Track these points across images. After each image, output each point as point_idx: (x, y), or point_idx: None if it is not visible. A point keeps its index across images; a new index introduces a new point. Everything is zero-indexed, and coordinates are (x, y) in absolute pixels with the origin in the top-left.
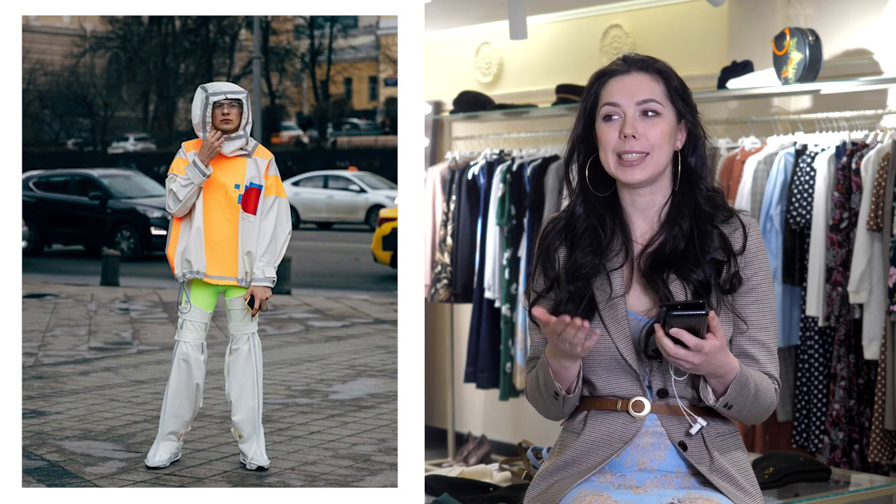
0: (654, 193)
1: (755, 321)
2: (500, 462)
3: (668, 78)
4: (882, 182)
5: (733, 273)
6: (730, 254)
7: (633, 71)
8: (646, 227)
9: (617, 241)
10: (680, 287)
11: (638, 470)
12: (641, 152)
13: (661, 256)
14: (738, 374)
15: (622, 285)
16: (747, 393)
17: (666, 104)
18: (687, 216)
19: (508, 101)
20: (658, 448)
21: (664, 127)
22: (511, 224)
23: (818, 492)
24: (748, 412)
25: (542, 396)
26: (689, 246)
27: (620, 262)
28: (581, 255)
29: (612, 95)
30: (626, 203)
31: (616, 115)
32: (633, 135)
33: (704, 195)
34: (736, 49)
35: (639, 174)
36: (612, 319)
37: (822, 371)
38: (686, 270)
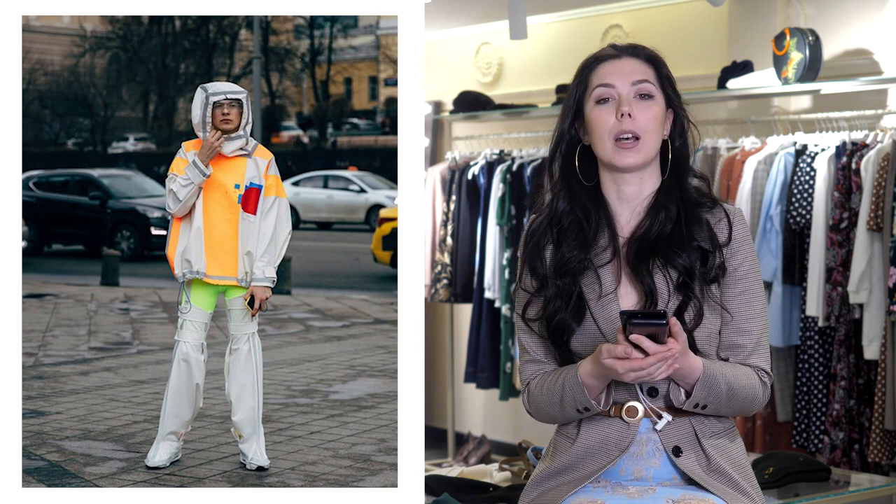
0: (643, 183)
1: (742, 312)
2: (500, 462)
3: (658, 65)
4: (882, 182)
5: (718, 264)
6: (715, 245)
7: (625, 56)
8: (631, 217)
9: (603, 236)
10: (663, 279)
11: (633, 479)
12: (634, 135)
13: (647, 241)
14: (703, 373)
15: (612, 282)
16: (718, 391)
17: (657, 88)
18: (674, 201)
19: (508, 101)
20: (653, 456)
21: (656, 111)
22: (511, 224)
23: (818, 492)
24: (727, 409)
25: (560, 407)
26: (675, 230)
27: (608, 257)
28: (567, 249)
29: (606, 77)
30: (611, 195)
31: (610, 96)
32: (629, 113)
33: (692, 182)
34: (736, 49)
35: (633, 157)
36: (604, 319)
37: (822, 371)
38: (672, 255)
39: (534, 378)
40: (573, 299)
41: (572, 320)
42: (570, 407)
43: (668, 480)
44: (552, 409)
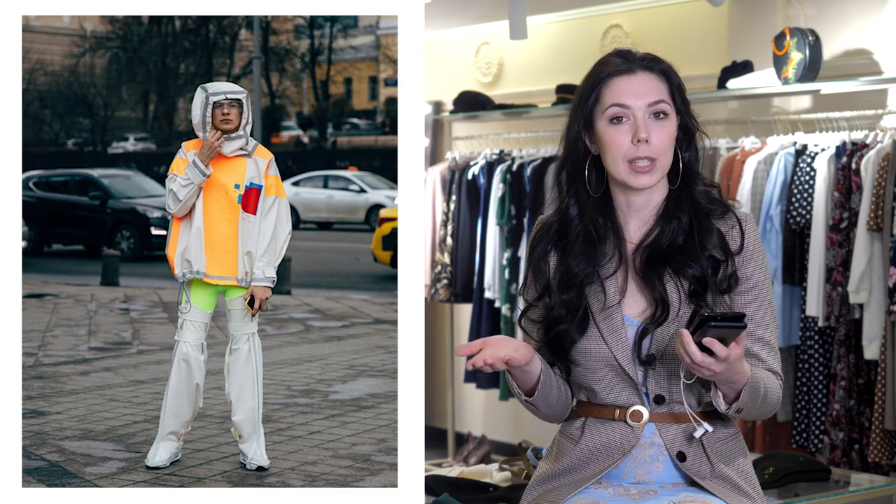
0: (653, 193)
1: (757, 319)
2: (500, 462)
3: (671, 77)
4: (882, 182)
5: (730, 273)
6: (727, 253)
7: (639, 70)
8: (640, 226)
9: (609, 244)
10: (675, 288)
11: (635, 482)
12: (652, 158)
13: (657, 251)
14: (750, 378)
15: (616, 292)
16: (757, 396)
17: (671, 104)
18: (686, 210)
19: (508, 101)
20: (656, 460)
21: (671, 129)
22: (511, 224)
23: (818, 492)
24: (756, 412)
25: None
26: (687, 240)
27: (614, 267)
28: (574, 262)
29: (620, 97)
30: (621, 204)
31: (625, 117)
32: (646, 139)
33: (701, 190)
34: (736, 49)
35: (648, 179)
36: (609, 329)
37: (822, 371)
38: (683, 266)
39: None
40: (579, 312)
41: (576, 332)
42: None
43: (671, 484)
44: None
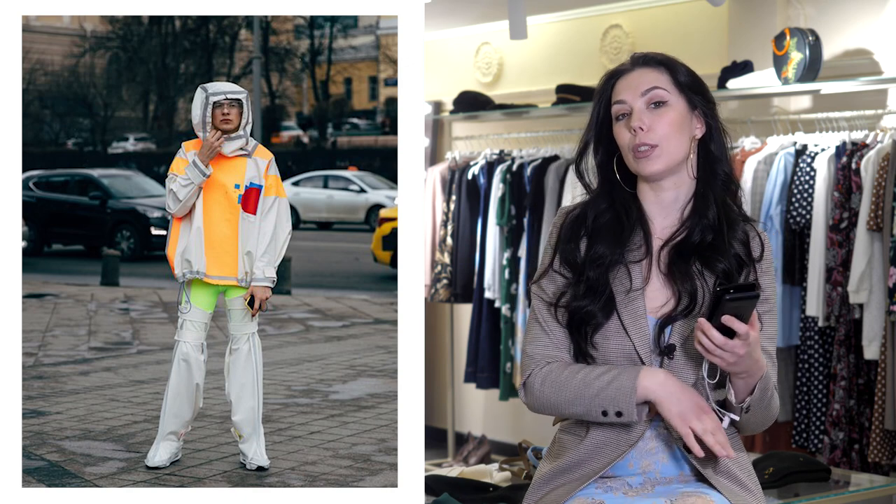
0: (679, 188)
1: (764, 331)
2: (500, 462)
3: (672, 68)
4: (882, 182)
5: (754, 280)
6: (750, 259)
7: (637, 67)
8: (667, 224)
9: (638, 236)
10: (700, 284)
11: (640, 472)
12: (651, 144)
13: (687, 246)
14: (765, 372)
15: (641, 279)
16: (765, 394)
17: (673, 92)
18: (713, 208)
19: (508, 101)
20: (661, 452)
21: (672, 115)
22: (511, 224)
23: (818, 492)
24: (758, 417)
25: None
26: (716, 237)
27: (641, 255)
28: (601, 245)
29: (620, 93)
30: (649, 201)
31: (625, 112)
32: (640, 127)
33: (725, 189)
34: (736, 49)
35: (652, 165)
36: (630, 316)
37: (822, 371)
38: (712, 260)
39: (551, 363)
40: (605, 293)
41: (600, 313)
42: (599, 405)
43: (675, 476)
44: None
